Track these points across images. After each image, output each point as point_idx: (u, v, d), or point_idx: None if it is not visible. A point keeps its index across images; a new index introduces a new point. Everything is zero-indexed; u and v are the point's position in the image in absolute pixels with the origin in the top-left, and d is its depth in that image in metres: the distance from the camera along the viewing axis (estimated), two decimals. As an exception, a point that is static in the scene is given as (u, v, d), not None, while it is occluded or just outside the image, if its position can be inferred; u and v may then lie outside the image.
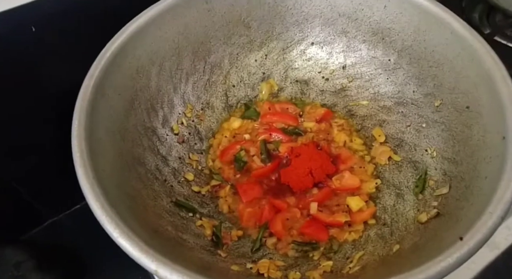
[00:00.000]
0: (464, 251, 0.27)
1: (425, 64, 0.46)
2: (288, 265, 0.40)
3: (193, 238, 0.40)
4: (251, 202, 0.47)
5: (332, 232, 0.43)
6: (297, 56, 0.56)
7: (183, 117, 0.51)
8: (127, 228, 0.30)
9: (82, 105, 0.37)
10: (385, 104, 0.51)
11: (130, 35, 0.43)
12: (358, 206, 0.44)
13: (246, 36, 0.54)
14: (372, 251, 0.39)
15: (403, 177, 0.45)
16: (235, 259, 0.40)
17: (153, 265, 0.28)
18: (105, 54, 0.41)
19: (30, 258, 0.54)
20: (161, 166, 0.46)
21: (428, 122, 0.46)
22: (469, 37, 0.40)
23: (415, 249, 0.35)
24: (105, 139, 0.39)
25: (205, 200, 0.47)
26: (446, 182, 0.40)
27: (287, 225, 0.44)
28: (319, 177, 0.47)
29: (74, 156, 0.34)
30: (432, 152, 0.44)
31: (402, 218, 0.41)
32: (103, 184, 0.33)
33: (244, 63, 0.55)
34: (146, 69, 0.46)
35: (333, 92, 0.55)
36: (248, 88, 0.56)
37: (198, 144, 0.52)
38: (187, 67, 0.51)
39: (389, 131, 0.49)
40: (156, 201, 0.42)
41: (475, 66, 0.39)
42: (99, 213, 0.30)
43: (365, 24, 0.50)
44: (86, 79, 0.39)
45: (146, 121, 0.46)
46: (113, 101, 0.41)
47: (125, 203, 0.35)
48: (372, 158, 0.49)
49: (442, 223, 0.36)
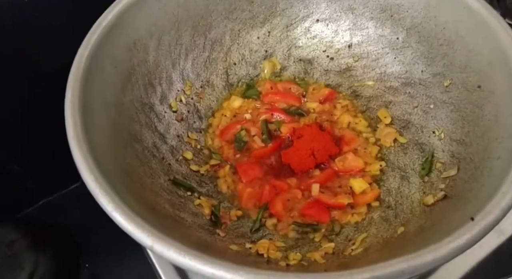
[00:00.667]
0: (475, 232, 0.26)
1: (435, 42, 0.44)
2: (289, 246, 0.39)
3: (191, 217, 0.39)
4: (251, 182, 0.45)
5: (334, 214, 0.42)
6: (301, 33, 0.54)
7: (182, 95, 0.49)
8: (122, 202, 0.29)
9: (76, 76, 0.35)
10: (391, 84, 0.49)
11: (127, 5, 0.41)
12: (362, 188, 0.43)
13: (249, 11, 0.52)
14: (375, 234, 0.38)
15: (408, 160, 0.44)
16: (234, 239, 0.39)
17: (149, 240, 0.27)
18: (101, 23, 0.39)
19: (24, 236, 0.54)
20: (158, 143, 0.44)
21: (437, 103, 0.44)
22: (484, 12, 0.38)
23: (421, 232, 0.34)
24: (100, 112, 0.37)
25: (204, 179, 0.46)
26: (454, 164, 0.38)
27: (288, 206, 0.43)
28: (321, 158, 0.46)
29: (67, 127, 0.32)
30: (440, 133, 0.42)
31: (407, 200, 0.40)
32: (97, 157, 0.32)
33: (246, 40, 0.53)
34: (144, 42, 0.44)
35: (337, 71, 0.53)
36: (250, 66, 0.54)
37: (197, 122, 0.50)
38: (186, 42, 0.49)
39: (395, 113, 0.48)
40: (153, 179, 0.40)
41: (489, 43, 0.37)
42: (93, 186, 0.29)
43: (373, 0, 0.48)
44: (81, 49, 0.37)
45: (143, 97, 0.45)
46: (109, 74, 0.40)
47: (120, 179, 0.34)
48: (377, 140, 0.47)
49: (450, 205, 0.34)
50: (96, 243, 0.56)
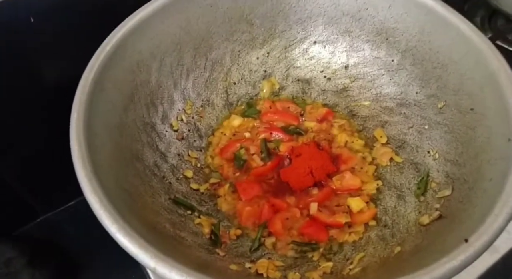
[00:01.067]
0: (469, 253, 0.27)
1: (429, 65, 0.46)
2: (287, 265, 0.39)
3: (191, 236, 0.39)
4: (250, 201, 0.46)
5: (332, 232, 0.43)
6: (299, 54, 0.55)
7: (183, 114, 0.50)
8: (125, 223, 0.29)
9: (81, 98, 0.36)
10: (387, 105, 0.50)
11: (131, 28, 0.42)
12: (359, 207, 0.44)
13: (249, 33, 0.53)
14: (372, 253, 0.38)
15: (404, 179, 0.45)
16: (233, 258, 0.39)
17: (152, 262, 0.27)
18: (105, 47, 0.40)
19: (22, 254, 0.54)
20: (159, 162, 0.45)
21: (431, 124, 0.45)
22: (475, 39, 0.40)
23: (417, 251, 0.34)
24: (103, 133, 0.38)
25: (204, 198, 0.46)
26: (448, 184, 0.39)
27: (287, 225, 0.43)
28: (319, 176, 0.47)
29: (72, 149, 0.33)
30: (434, 154, 0.44)
31: (403, 220, 0.41)
32: (100, 178, 0.32)
33: (245, 61, 0.55)
34: (146, 64, 0.46)
35: (334, 91, 0.54)
36: (249, 85, 0.55)
37: (198, 141, 0.51)
38: (188, 63, 0.50)
39: (391, 132, 0.49)
40: (154, 198, 0.41)
41: (480, 67, 0.39)
42: (97, 207, 0.29)
43: (369, 24, 0.50)
44: (86, 72, 0.38)
45: (145, 117, 0.46)
46: (113, 95, 0.41)
47: (122, 199, 0.34)
48: (373, 159, 0.48)
49: (445, 225, 0.35)
50: (93, 260, 0.56)
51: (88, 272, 0.56)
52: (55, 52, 0.48)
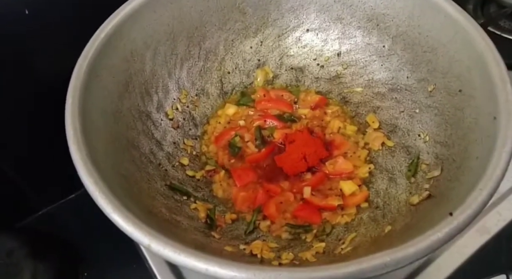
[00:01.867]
0: (453, 226, 0.28)
1: (419, 49, 0.46)
2: (281, 246, 0.40)
3: (187, 220, 0.40)
4: (245, 187, 0.47)
5: (325, 215, 0.43)
6: (292, 43, 0.56)
7: (178, 103, 0.51)
8: (120, 204, 0.30)
9: (75, 85, 0.37)
10: (379, 90, 0.51)
11: (125, 17, 0.43)
12: (351, 190, 0.44)
13: (241, 22, 0.54)
14: (364, 233, 0.39)
15: (396, 162, 0.46)
16: (228, 240, 0.40)
17: (146, 239, 0.28)
18: (99, 35, 0.41)
19: (23, 245, 0.54)
20: (155, 150, 0.46)
21: (421, 107, 0.46)
22: (462, 21, 0.40)
23: (407, 229, 0.35)
24: (98, 120, 0.39)
25: (200, 184, 0.47)
26: (438, 165, 0.40)
27: (281, 208, 0.44)
28: (312, 162, 0.47)
29: (68, 133, 0.34)
30: (425, 136, 0.44)
31: (394, 201, 0.41)
32: (96, 162, 0.33)
33: (239, 50, 0.55)
34: (140, 53, 0.46)
35: (327, 79, 0.55)
36: (243, 75, 0.56)
37: (193, 129, 0.52)
38: (181, 52, 0.51)
39: (383, 117, 0.50)
40: (150, 184, 0.42)
41: (468, 49, 0.39)
42: (92, 189, 0.30)
43: (360, 10, 0.50)
44: (80, 59, 0.39)
45: (140, 105, 0.46)
46: (107, 83, 0.41)
47: (118, 183, 0.35)
48: (366, 144, 0.49)
49: (434, 203, 0.36)
50: (95, 252, 0.57)
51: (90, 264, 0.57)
52: (50, 44, 0.48)
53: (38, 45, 0.48)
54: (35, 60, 0.50)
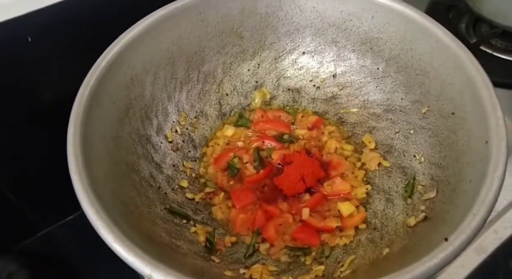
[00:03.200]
0: (449, 252, 0.28)
1: (412, 72, 0.47)
2: (281, 270, 0.40)
3: (187, 245, 0.41)
4: (244, 208, 0.47)
5: (324, 237, 0.44)
6: (288, 65, 0.57)
7: (177, 125, 0.52)
8: (121, 233, 0.30)
9: (77, 113, 0.38)
10: (374, 111, 0.52)
11: (125, 45, 0.44)
12: (349, 211, 0.45)
13: (239, 46, 0.55)
14: (362, 255, 0.40)
15: (392, 183, 0.46)
16: (228, 264, 0.40)
17: (147, 269, 0.28)
18: (100, 63, 0.42)
19: (23, 268, 0.54)
20: (155, 173, 0.47)
21: (416, 129, 0.47)
22: (453, 46, 0.41)
23: (404, 252, 0.36)
24: (99, 146, 0.39)
25: (199, 207, 0.47)
26: (433, 187, 0.41)
27: (280, 230, 0.45)
28: (310, 183, 0.48)
29: (69, 162, 0.34)
30: (420, 157, 0.45)
31: (391, 222, 0.42)
32: (97, 190, 0.34)
33: (237, 72, 0.56)
34: (140, 78, 0.47)
35: (324, 100, 0.56)
36: (241, 96, 0.57)
37: (192, 151, 0.52)
38: (181, 76, 0.52)
39: (379, 138, 0.51)
40: (150, 208, 0.42)
41: (459, 73, 0.41)
42: (94, 219, 0.31)
43: (354, 34, 0.52)
44: (82, 88, 0.40)
45: (140, 129, 0.47)
46: (108, 109, 0.42)
47: (119, 210, 0.36)
48: (363, 164, 0.50)
49: (430, 226, 0.37)
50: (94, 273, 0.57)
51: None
52: (52, 69, 0.49)
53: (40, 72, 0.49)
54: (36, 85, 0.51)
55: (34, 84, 0.50)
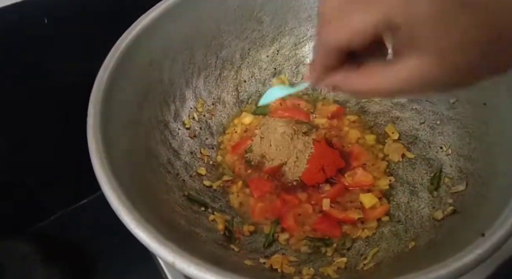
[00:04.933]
0: (487, 247, 0.27)
1: (441, 59, 0.45)
2: (301, 260, 0.40)
3: (206, 232, 0.40)
4: (262, 197, 0.46)
5: (345, 228, 0.43)
6: (309, 51, 0.55)
7: (195, 112, 0.51)
8: (143, 219, 0.30)
9: (97, 96, 0.37)
10: (398, 100, 0.50)
11: (144, 28, 0.43)
12: (371, 203, 0.44)
13: (258, 31, 0.53)
14: (386, 248, 0.38)
15: (417, 175, 0.45)
16: (247, 254, 0.40)
17: (171, 256, 0.28)
18: (119, 46, 0.41)
19: (36, 251, 0.55)
20: (173, 160, 0.46)
21: (443, 119, 0.45)
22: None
23: (432, 246, 0.35)
24: (119, 131, 0.38)
25: (217, 195, 0.47)
26: (462, 180, 0.39)
27: (299, 220, 0.44)
28: (331, 173, 0.47)
29: (90, 146, 0.33)
30: (447, 149, 0.44)
31: (416, 215, 0.41)
32: (118, 175, 0.33)
33: (255, 58, 0.55)
34: (159, 62, 0.46)
35: (345, 88, 0.54)
36: (259, 83, 0.56)
37: (209, 139, 0.51)
38: (199, 61, 0.51)
39: (403, 128, 0.49)
40: (168, 195, 0.41)
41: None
42: (116, 204, 0.30)
43: (380, 20, 0.50)
44: (101, 71, 0.39)
45: (158, 115, 0.46)
46: (127, 93, 0.41)
47: (139, 195, 0.35)
48: (385, 155, 0.48)
49: (459, 220, 0.35)
50: (108, 257, 0.57)
51: (102, 269, 0.57)
52: (69, 52, 0.48)
53: (57, 54, 0.48)
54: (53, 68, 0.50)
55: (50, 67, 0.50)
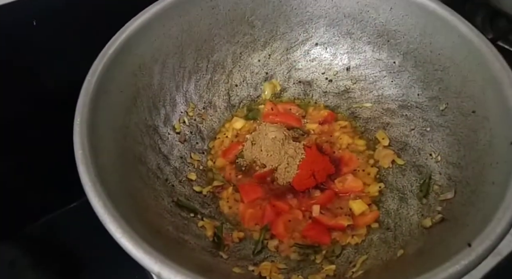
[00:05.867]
0: (472, 258, 0.27)
1: (431, 67, 0.46)
2: (290, 268, 0.39)
3: (194, 239, 0.40)
4: (252, 203, 0.46)
5: (335, 235, 0.43)
6: (300, 56, 0.55)
7: (185, 116, 0.51)
8: (129, 227, 0.29)
9: (84, 101, 0.36)
10: (389, 106, 0.50)
11: (133, 31, 0.43)
12: (361, 210, 0.44)
13: (250, 35, 0.53)
14: (375, 256, 0.38)
15: (406, 181, 0.45)
16: (236, 261, 0.39)
17: (156, 266, 0.27)
18: (108, 50, 0.40)
19: (25, 255, 0.54)
20: (162, 165, 0.45)
21: (433, 126, 0.45)
22: (477, 41, 0.40)
23: (420, 254, 0.35)
24: (106, 136, 0.38)
25: (206, 200, 0.46)
26: (451, 187, 0.39)
27: (289, 227, 0.44)
28: (321, 179, 0.47)
29: (76, 153, 0.33)
30: (436, 156, 0.44)
31: (405, 222, 0.41)
32: (104, 182, 0.32)
33: (247, 63, 0.55)
34: (148, 66, 0.46)
35: (336, 93, 0.54)
36: (251, 87, 0.55)
37: (200, 143, 0.51)
38: (190, 65, 0.50)
39: (393, 134, 0.49)
40: (157, 201, 0.41)
41: (482, 70, 0.39)
42: (102, 212, 0.30)
43: (370, 26, 0.50)
44: (89, 75, 0.38)
45: (147, 119, 0.46)
46: (115, 98, 0.41)
47: (126, 202, 0.34)
48: (376, 161, 0.48)
49: (448, 228, 0.35)
50: (97, 260, 0.56)
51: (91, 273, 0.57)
52: (57, 55, 0.48)
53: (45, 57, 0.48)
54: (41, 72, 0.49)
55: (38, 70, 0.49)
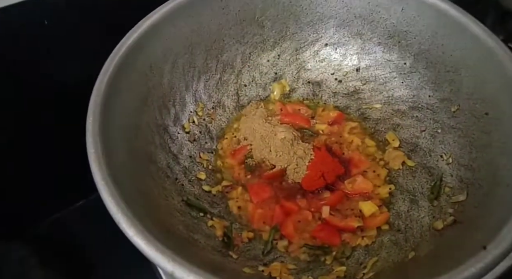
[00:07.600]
0: (488, 261, 0.27)
1: (442, 68, 0.45)
2: (300, 269, 0.39)
3: (204, 239, 0.40)
4: (261, 203, 0.46)
5: (345, 236, 0.42)
6: (310, 57, 0.55)
7: (195, 116, 0.51)
8: (142, 226, 0.29)
9: (96, 101, 0.36)
10: (399, 108, 0.50)
11: (144, 31, 0.43)
12: (371, 211, 0.43)
13: (260, 35, 0.53)
14: (386, 257, 0.38)
15: (417, 183, 0.45)
16: (246, 261, 0.39)
17: (170, 265, 0.27)
18: (119, 50, 0.40)
19: (33, 253, 0.54)
20: (172, 164, 0.45)
21: (444, 128, 0.45)
22: (490, 42, 0.39)
23: (432, 257, 0.34)
24: (118, 135, 0.38)
25: (216, 200, 0.46)
26: (463, 189, 0.39)
27: (299, 227, 0.43)
28: (330, 180, 0.46)
29: (89, 152, 0.33)
30: (447, 158, 0.43)
31: (416, 224, 0.41)
32: (117, 181, 0.32)
33: (256, 63, 0.55)
34: (159, 66, 0.46)
35: (346, 94, 0.54)
36: (260, 88, 0.55)
37: (209, 143, 0.51)
38: (199, 65, 0.50)
39: (403, 136, 0.49)
40: (167, 200, 0.41)
41: (495, 71, 0.39)
42: (114, 211, 0.30)
43: (381, 27, 0.50)
44: (101, 75, 0.38)
45: (158, 119, 0.46)
46: (126, 98, 0.41)
47: (138, 201, 0.34)
48: (386, 162, 0.48)
49: (460, 231, 0.35)
50: (105, 258, 0.57)
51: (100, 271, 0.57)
52: (68, 55, 0.48)
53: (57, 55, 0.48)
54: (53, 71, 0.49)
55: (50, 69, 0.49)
